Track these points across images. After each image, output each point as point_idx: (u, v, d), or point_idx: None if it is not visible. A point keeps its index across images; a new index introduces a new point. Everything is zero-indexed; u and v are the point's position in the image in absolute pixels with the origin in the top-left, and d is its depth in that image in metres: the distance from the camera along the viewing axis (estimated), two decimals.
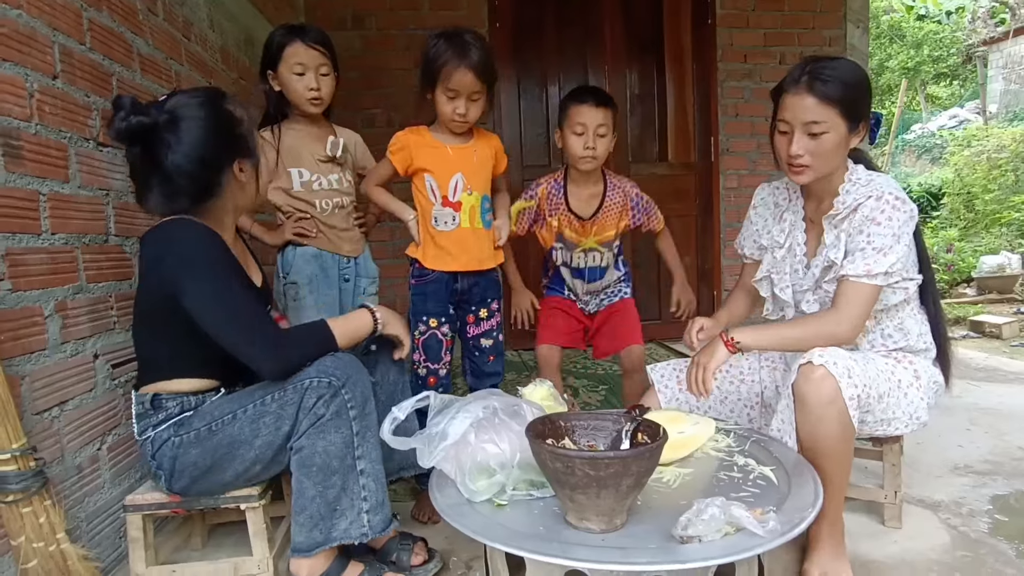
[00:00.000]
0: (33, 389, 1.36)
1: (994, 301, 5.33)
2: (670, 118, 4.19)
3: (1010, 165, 7.31)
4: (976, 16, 13.54)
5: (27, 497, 1.25)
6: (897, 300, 1.56)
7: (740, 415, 1.73)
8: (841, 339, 1.47)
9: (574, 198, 2.12)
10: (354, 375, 1.40)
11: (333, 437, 1.38)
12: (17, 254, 1.34)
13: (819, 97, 1.45)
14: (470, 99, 1.79)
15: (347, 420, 1.39)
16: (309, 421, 1.37)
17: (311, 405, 1.36)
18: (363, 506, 1.42)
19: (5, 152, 1.31)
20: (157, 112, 1.35)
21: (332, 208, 1.98)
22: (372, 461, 1.43)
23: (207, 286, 1.33)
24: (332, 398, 1.37)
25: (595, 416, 1.34)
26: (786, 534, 1.08)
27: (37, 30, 1.42)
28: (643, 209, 2.18)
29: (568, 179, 2.14)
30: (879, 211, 1.47)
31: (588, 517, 1.14)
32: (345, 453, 1.39)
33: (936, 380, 1.62)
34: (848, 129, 1.49)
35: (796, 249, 1.66)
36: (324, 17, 3.84)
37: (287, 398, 1.38)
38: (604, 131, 2.00)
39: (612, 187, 2.15)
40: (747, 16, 4.10)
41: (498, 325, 2.00)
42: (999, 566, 1.55)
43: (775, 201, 1.76)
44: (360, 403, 1.40)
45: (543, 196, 2.13)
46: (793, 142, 1.50)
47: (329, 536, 1.40)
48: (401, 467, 1.66)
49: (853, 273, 1.47)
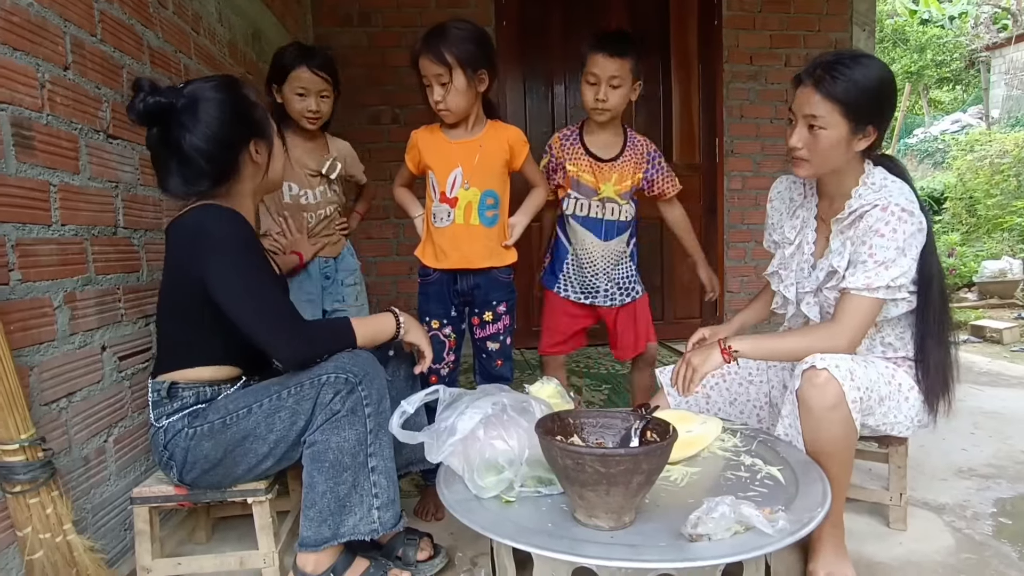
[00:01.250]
0: (41, 380, 1.36)
1: (995, 306, 5.34)
2: (675, 119, 4.19)
3: (1012, 170, 7.32)
4: (979, 21, 13.56)
5: (35, 488, 1.25)
6: (899, 312, 1.54)
7: (749, 416, 1.73)
8: (840, 352, 1.45)
9: (592, 143, 2.08)
10: (371, 372, 1.40)
11: (347, 433, 1.38)
12: (27, 244, 1.33)
13: (822, 93, 1.44)
14: (439, 84, 1.74)
15: (362, 417, 1.39)
16: (324, 416, 1.37)
17: (328, 401, 1.37)
18: (374, 502, 1.42)
19: (17, 142, 1.31)
20: (176, 94, 1.38)
21: (316, 221, 2.10)
22: (384, 459, 1.43)
23: (233, 268, 1.35)
24: (349, 394, 1.37)
25: (604, 414, 1.34)
26: (796, 533, 1.09)
27: (49, 20, 1.41)
28: (658, 167, 2.12)
29: (584, 128, 2.11)
30: (883, 222, 1.45)
31: (597, 514, 1.14)
32: (358, 450, 1.39)
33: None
34: (851, 130, 1.45)
35: (805, 247, 1.66)
36: (330, 13, 3.85)
37: (304, 393, 1.38)
38: (618, 83, 1.95)
39: (632, 137, 2.11)
40: (753, 18, 4.11)
41: (505, 329, 1.92)
42: (1003, 568, 1.55)
43: (791, 196, 1.75)
44: (376, 401, 1.40)
45: (556, 144, 2.10)
46: (793, 133, 1.50)
47: (337, 532, 1.40)
48: (410, 462, 1.66)
49: (854, 286, 1.46)
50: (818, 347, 1.45)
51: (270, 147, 1.52)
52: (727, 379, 1.76)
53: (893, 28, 13.31)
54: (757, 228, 4.23)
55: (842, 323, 1.48)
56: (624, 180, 2.08)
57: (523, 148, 1.89)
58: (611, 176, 2.07)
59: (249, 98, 1.47)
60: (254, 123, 1.47)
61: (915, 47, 13.24)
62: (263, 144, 1.49)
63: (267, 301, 1.38)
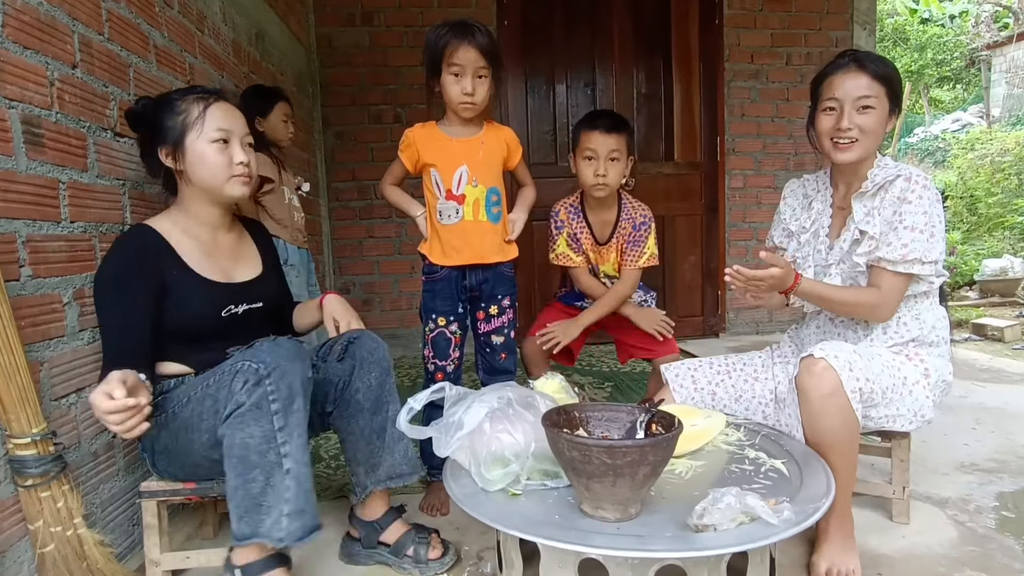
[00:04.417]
0: (51, 375, 1.37)
1: (996, 304, 5.34)
2: (677, 117, 4.20)
3: (1013, 169, 7.33)
4: (979, 20, 13.55)
5: (46, 482, 1.26)
6: (920, 291, 1.60)
7: (754, 413, 1.74)
8: (880, 316, 1.57)
9: (593, 220, 2.14)
10: (284, 365, 1.28)
11: (252, 429, 1.27)
12: (38, 241, 1.35)
13: (871, 75, 1.55)
14: (476, 76, 1.76)
15: (268, 413, 1.27)
16: (232, 407, 1.28)
17: (237, 389, 1.27)
18: (284, 508, 1.29)
19: (27, 139, 1.32)
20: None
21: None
22: (298, 462, 1.30)
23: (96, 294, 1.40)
24: (255, 386, 1.26)
25: (609, 408, 1.35)
26: (800, 524, 1.10)
27: (58, 19, 1.43)
28: (637, 241, 2.12)
29: (585, 203, 2.15)
30: (909, 191, 1.53)
31: (603, 506, 1.15)
32: (266, 448, 1.27)
33: (945, 379, 1.63)
34: (889, 110, 1.57)
35: (820, 232, 1.71)
36: (333, 13, 3.87)
37: (222, 380, 1.30)
38: (616, 156, 1.99)
39: (625, 212, 2.13)
40: (754, 16, 4.12)
41: (510, 322, 1.96)
42: (1007, 560, 1.56)
43: (804, 192, 1.80)
44: (284, 397, 1.27)
45: (564, 217, 2.15)
46: (844, 117, 1.56)
47: (257, 531, 1.30)
48: (390, 476, 1.59)
49: (889, 258, 1.53)
50: (863, 302, 1.57)
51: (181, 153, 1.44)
52: (733, 376, 1.77)
53: (893, 27, 13.31)
54: (758, 226, 4.24)
55: (883, 295, 1.55)
56: (619, 257, 2.15)
57: (519, 148, 1.96)
58: (609, 257, 2.15)
59: (160, 106, 1.45)
60: (161, 129, 1.44)
61: (915, 46, 13.24)
62: (168, 149, 1.45)
63: (107, 337, 1.37)
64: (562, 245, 2.15)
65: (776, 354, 1.80)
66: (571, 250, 2.15)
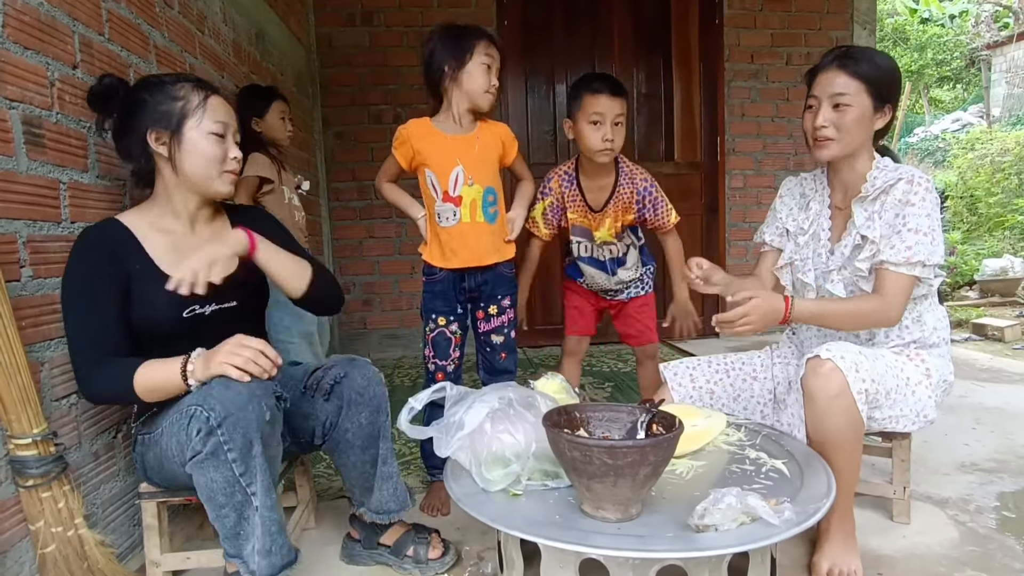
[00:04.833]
0: (52, 376, 1.37)
1: (996, 304, 5.34)
2: (677, 117, 4.20)
3: (1013, 169, 7.33)
4: (979, 20, 13.55)
5: (47, 482, 1.26)
6: (920, 293, 1.59)
7: (753, 412, 1.74)
8: (888, 319, 1.54)
9: (587, 187, 2.09)
10: (235, 414, 1.20)
11: (213, 475, 1.23)
12: (38, 241, 1.35)
13: (848, 73, 1.53)
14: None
15: (226, 461, 1.22)
16: (190, 453, 1.24)
17: (193, 436, 1.22)
18: (255, 544, 1.27)
19: (28, 140, 1.32)
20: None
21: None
22: (263, 504, 1.26)
23: (63, 289, 1.34)
24: (208, 436, 1.20)
25: (610, 408, 1.35)
26: (801, 524, 1.10)
27: (58, 19, 1.43)
28: (650, 204, 2.07)
29: (580, 170, 2.10)
30: (912, 193, 1.52)
31: (604, 506, 1.15)
32: (232, 490, 1.24)
33: (946, 379, 1.63)
34: (872, 107, 1.55)
35: (820, 235, 1.69)
36: (333, 13, 3.87)
37: (180, 422, 1.26)
38: (621, 120, 1.97)
39: (624, 178, 2.08)
40: (754, 16, 4.12)
41: (510, 322, 1.95)
42: (1007, 560, 1.56)
43: (801, 191, 1.79)
44: (240, 446, 1.21)
45: (557, 186, 2.11)
46: (818, 114, 1.56)
47: (240, 554, 1.29)
48: (378, 511, 1.58)
49: (893, 260, 1.51)
50: (871, 319, 1.54)
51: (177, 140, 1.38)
52: (731, 375, 1.77)
53: (893, 27, 13.31)
54: (758, 226, 4.21)
55: (887, 299, 1.52)
56: (616, 223, 2.11)
57: (514, 143, 1.95)
58: (604, 222, 2.11)
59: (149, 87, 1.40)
60: (151, 111, 1.37)
61: (915, 46, 13.25)
62: (159, 133, 1.37)
63: (74, 339, 1.31)
64: (537, 211, 2.12)
65: (775, 354, 1.80)
66: (543, 221, 2.12)
